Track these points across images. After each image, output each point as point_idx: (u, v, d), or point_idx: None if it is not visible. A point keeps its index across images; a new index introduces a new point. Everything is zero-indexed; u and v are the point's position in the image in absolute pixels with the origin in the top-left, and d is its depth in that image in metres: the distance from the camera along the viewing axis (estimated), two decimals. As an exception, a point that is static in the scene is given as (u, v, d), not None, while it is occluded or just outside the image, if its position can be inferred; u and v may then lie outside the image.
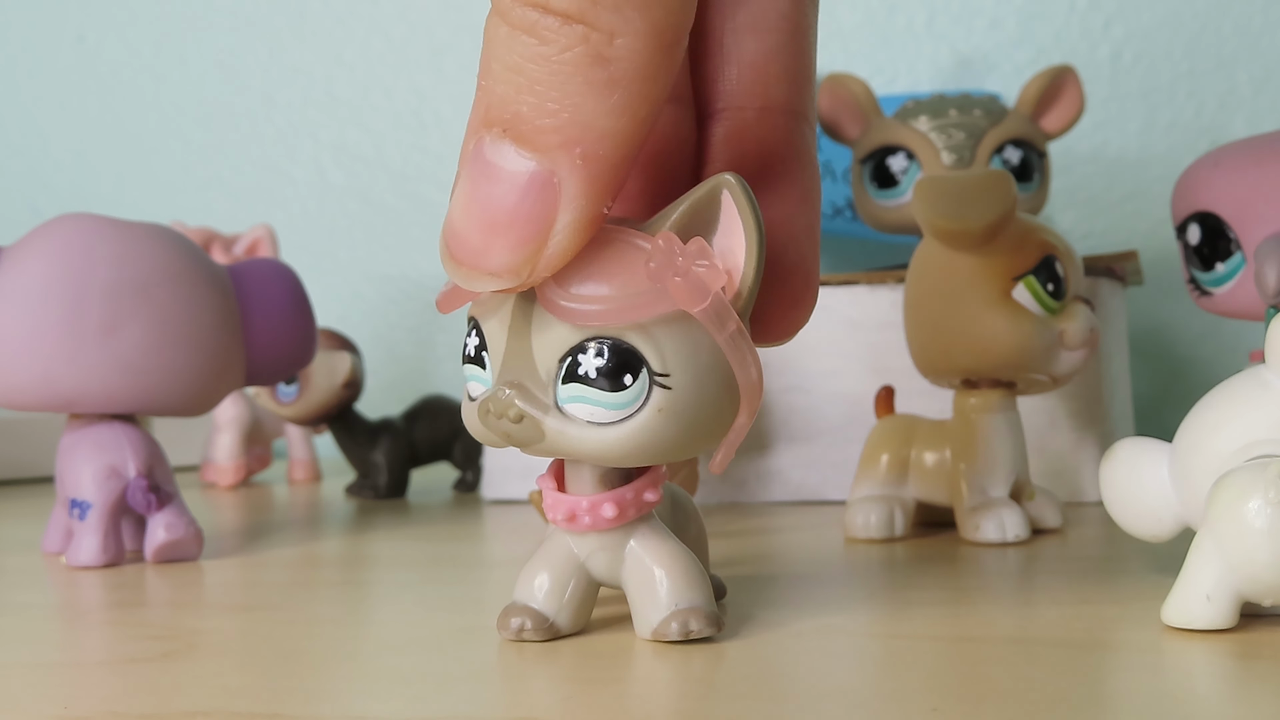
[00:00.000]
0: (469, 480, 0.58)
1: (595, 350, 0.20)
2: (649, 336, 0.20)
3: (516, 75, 0.19)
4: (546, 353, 0.21)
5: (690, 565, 0.23)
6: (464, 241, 0.20)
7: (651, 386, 0.20)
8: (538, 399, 0.21)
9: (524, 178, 0.19)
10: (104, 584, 0.32)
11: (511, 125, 0.19)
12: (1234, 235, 0.36)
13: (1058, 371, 0.35)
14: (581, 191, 0.19)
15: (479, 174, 0.20)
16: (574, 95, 0.19)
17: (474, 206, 0.20)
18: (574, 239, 0.20)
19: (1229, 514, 0.21)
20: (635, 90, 0.19)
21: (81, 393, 0.34)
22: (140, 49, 0.94)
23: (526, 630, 0.23)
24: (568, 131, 0.19)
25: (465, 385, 0.22)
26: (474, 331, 0.22)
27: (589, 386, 0.20)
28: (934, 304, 0.36)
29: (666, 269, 0.20)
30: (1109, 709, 0.18)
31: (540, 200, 0.19)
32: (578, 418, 0.21)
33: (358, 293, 0.90)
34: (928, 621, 0.24)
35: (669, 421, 0.21)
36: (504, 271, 0.20)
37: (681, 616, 0.22)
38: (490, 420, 0.21)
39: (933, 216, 0.35)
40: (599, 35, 0.18)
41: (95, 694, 0.20)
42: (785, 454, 0.48)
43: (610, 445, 0.21)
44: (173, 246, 0.36)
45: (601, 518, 0.22)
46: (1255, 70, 0.73)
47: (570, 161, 0.19)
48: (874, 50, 0.78)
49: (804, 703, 0.18)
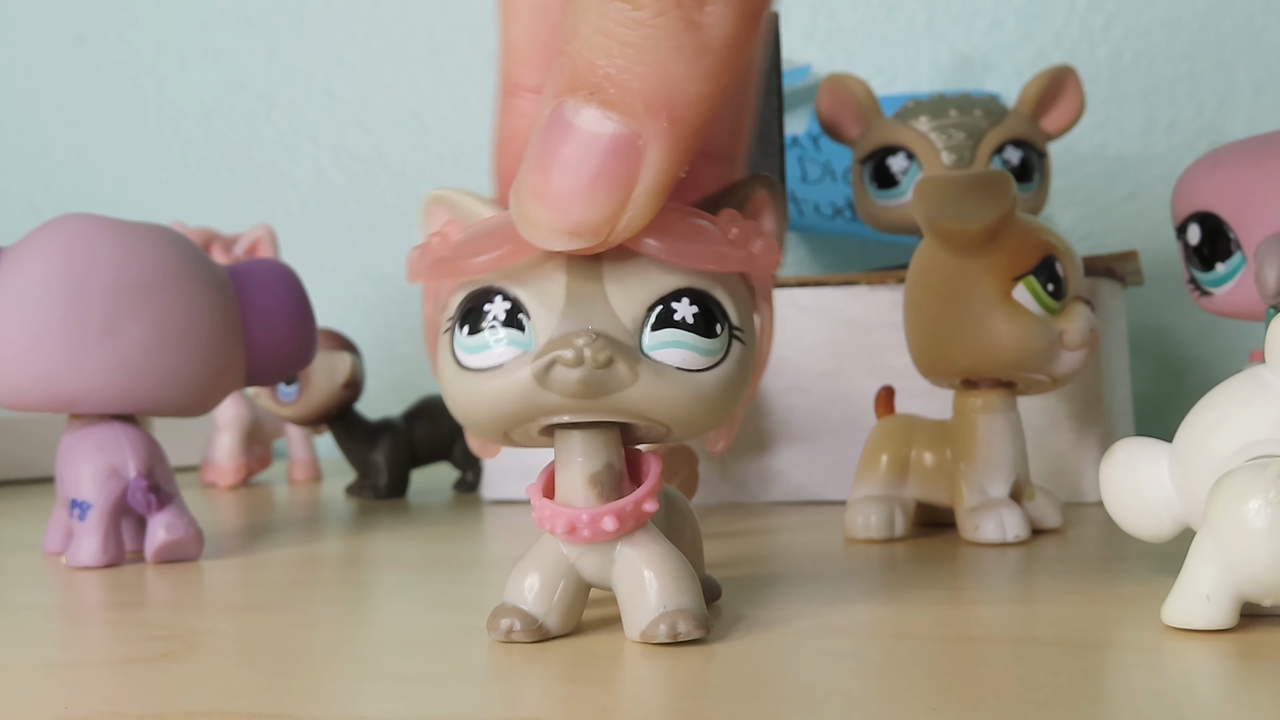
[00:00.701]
0: (469, 480, 0.58)
1: (690, 299, 0.21)
2: (729, 294, 0.22)
3: (607, 39, 0.19)
4: (632, 299, 0.21)
5: (680, 567, 0.22)
6: (545, 200, 0.20)
7: (732, 340, 0.22)
8: (624, 344, 0.21)
9: (609, 140, 0.19)
10: (104, 584, 0.32)
11: (598, 88, 0.19)
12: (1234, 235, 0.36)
13: (1058, 371, 0.35)
14: (665, 155, 0.20)
15: (560, 136, 0.20)
16: (664, 60, 0.19)
17: (555, 167, 0.20)
18: (654, 201, 0.20)
19: (1229, 514, 0.21)
20: (723, 56, 0.19)
21: (82, 393, 0.34)
22: (140, 49, 0.94)
23: (515, 631, 0.23)
24: (656, 96, 0.19)
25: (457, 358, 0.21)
26: (496, 297, 0.21)
27: (686, 331, 0.21)
28: (934, 304, 0.36)
29: (750, 235, 0.22)
30: (1109, 709, 0.18)
31: (625, 162, 0.20)
32: (669, 364, 0.21)
33: (358, 293, 0.90)
34: (928, 621, 0.24)
35: (742, 375, 0.22)
36: (586, 230, 0.20)
37: (670, 619, 0.22)
38: (557, 374, 0.20)
39: (933, 216, 0.35)
40: (691, 1, 0.19)
41: (95, 694, 0.20)
42: (785, 454, 0.48)
43: (702, 391, 0.21)
44: (173, 247, 0.36)
45: (602, 530, 0.22)
46: (1255, 70, 0.73)
47: (656, 125, 0.19)
48: (874, 50, 0.78)
49: (804, 703, 0.18)
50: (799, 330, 0.48)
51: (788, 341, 0.48)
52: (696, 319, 0.21)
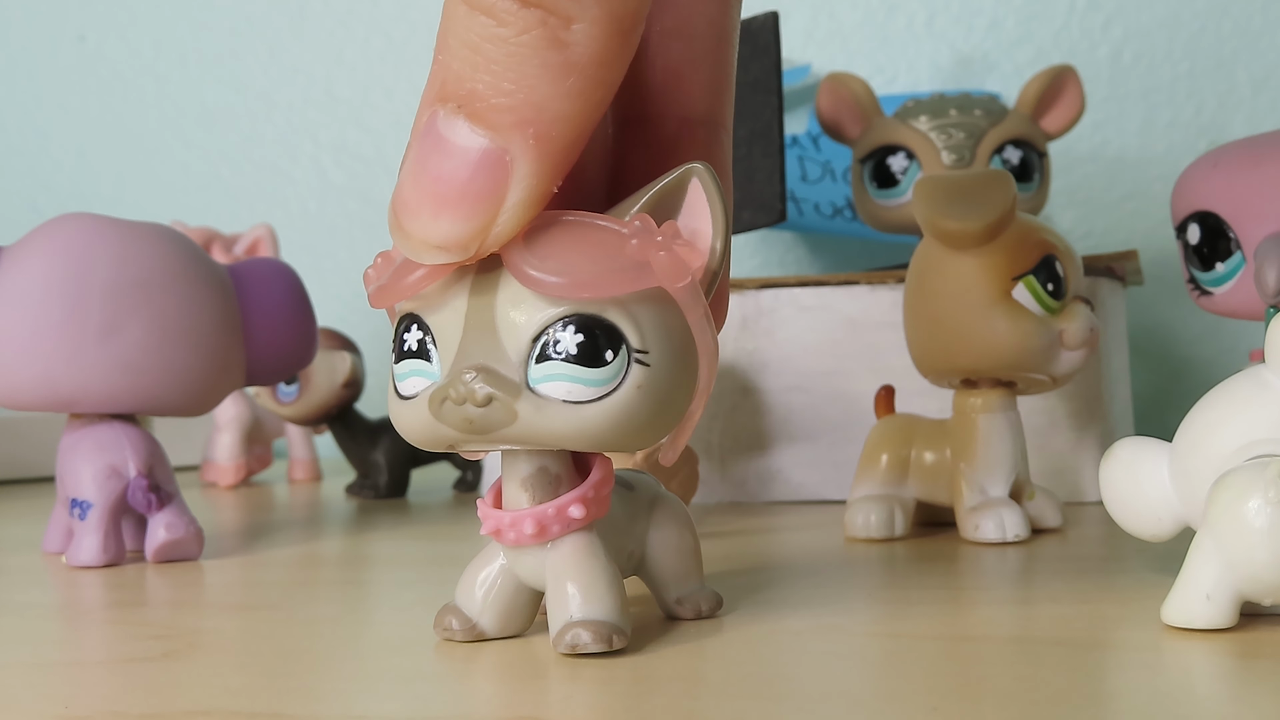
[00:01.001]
0: (469, 480, 0.58)
1: (575, 326, 0.20)
2: (628, 314, 0.20)
3: (473, 54, 0.19)
4: (518, 332, 0.20)
5: (595, 577, 0.22)
6: (414, 213, 0.20)
7: (630, 363, 0.20)
8: (506, 380, 0.20)
9: (476, 154, 0.19)
10: (104, 584, 0.32)
11: (466, 102, 0.19)
12: (1234, 235, 0.36)
13: (1058, 371, 0.35)
14: (532, 170, 0.20)
15: (431, 147, 0.20)
16: (530, 77, 0.19)
17: (425, 179, 0.20)
18: (522, 216, 0.20)
19: (1229, 513, 0.21)
20: (590, 75, 0.19)
21: (82, 393, 0.34)
22: (140, 49, 0.94)
23: (453, 630, 0.23)
24: (522, 112, 0.19)
25: (395, 385, 0.22)
26: (413, 325, 0.21)
27: (568, 363, 0.20)
28: (934, 304, 0.36)
29: (649, 246, 0.20)
30: (1109, 708, 0.18)
31: (491, 177, 0.20)
32: (553, 397, 0.20)
33: (358, 293, 0.90)
34: (928, 621, 0.24)
35: (646, 399, 0.21)
36: (452, 244, 0.20)
37: (573, 630, 0.21)
38: (448, 410, 0.20)
39: (933, 216, 0.35)
40: (556, 20, 0.19)
41: (96, 693, 0.20)
42: (785, 454, 0.48)
43: (587, 423, 0.20)
44: (173, 246, 0.36)
45: (523, 534, 0.22)
46: (1255, 70, 0.73)
47: (523, 141, 0.19)
48: (874, 50, 0.78)
49: (804, 702, 0.18)
50: (799, 330, 0.48)
51: (788, 341, 0.48)
52: (580, 349, 0.20)
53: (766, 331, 0.48)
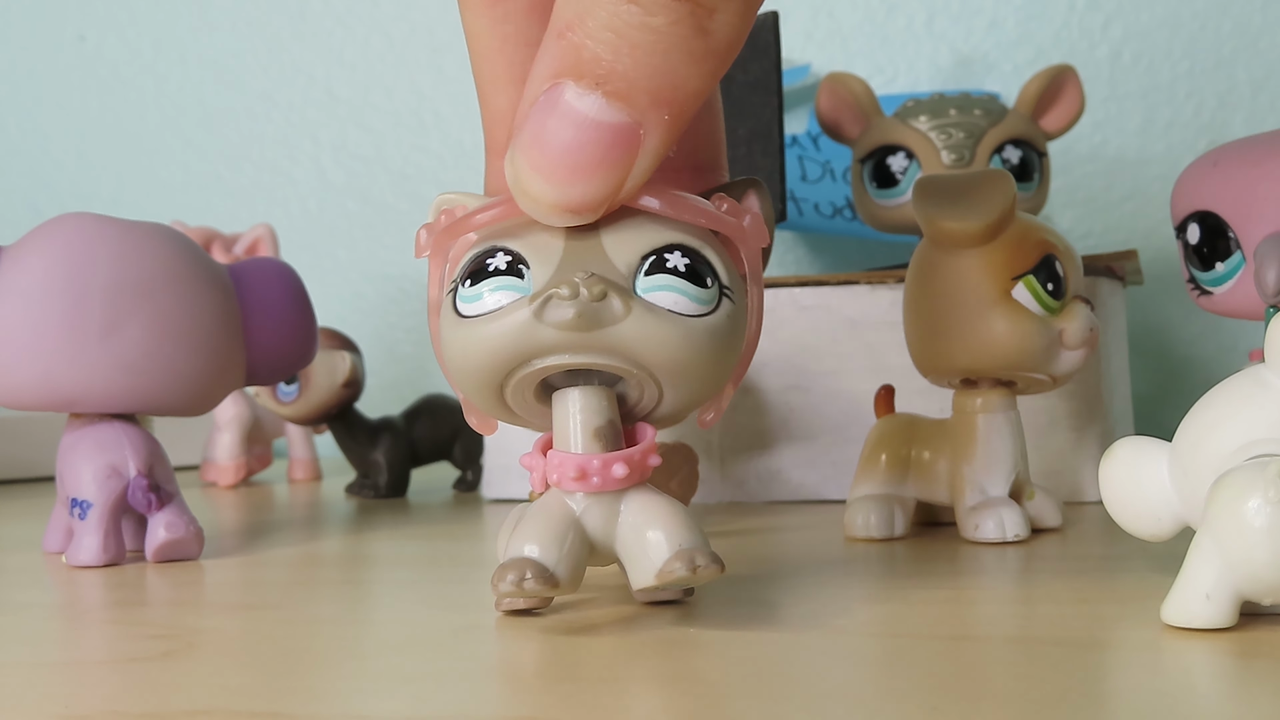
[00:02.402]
0: (469, 480, 0.58)
1: (682, 251, 0.22)
2: (719, 256, 0.23)
3: (617, 38, 0.20)
4: (627, 250, 0.22)
5: (686, 514, 0.23)
6: (546, 178, 0.21)
7: (721, 296, 0.22)
8: (618, 283, 0.21)
9: (613, 128, 0.21)
10: (104, 583, 0.32)
11: (605, 80, 0.20)
12: (1233, 235, 0.36)
13: (1057, 371, 0.35)
14: (661, 141, 0.21)
15: (563, 118, 0.21)
16: (674, 63, 0.20)
17: (558, 148, 0.21)
18: (645, 178, 0.22)
19: (1228, 513, 0.21)
20: (725, 57, 0.21)
21: (82, 392, 0.34)
22: (140, 49, 0.94)
23: (528, 580, 0.21)
24: (663, 93, 0.20)
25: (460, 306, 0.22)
26: (498, 252, 0.22)
27: (678, 277, 0.22)
28: (934, 304, 0.36)
29: (739, 211, 0.23)
30: (1109, 708, 0.18)
31: (627, 149, 0.21)
32: (661, 306, 0.22)
33: (358, 293, 0.90)
34: (927, 620, 0.24)
35: (732, 330, 0.22)
36: (585, 208, 0.21)
37: (686, 555, 0.22)
38: (553, 307, 0.21)
39: (932, 216, 0.35)
40: (702, 10, 0.20)
41: (96, 693, 0.20)
42: (785, 454, 0.48)
43: (691, 335, 0.22)
44: (173, 246, 0.36)
45: (612, 477, 0.23)
46: (1254, 70, 0.73)
47: (659, 118, 0.21)
48: (874, 50, 0.78)
49: (804, 702, 0.18)
50: (799, 330, 0.48)
51: (788, 341, 0.48)
52: (688, 269, 0.22)
53: (766, 331, 0.48)
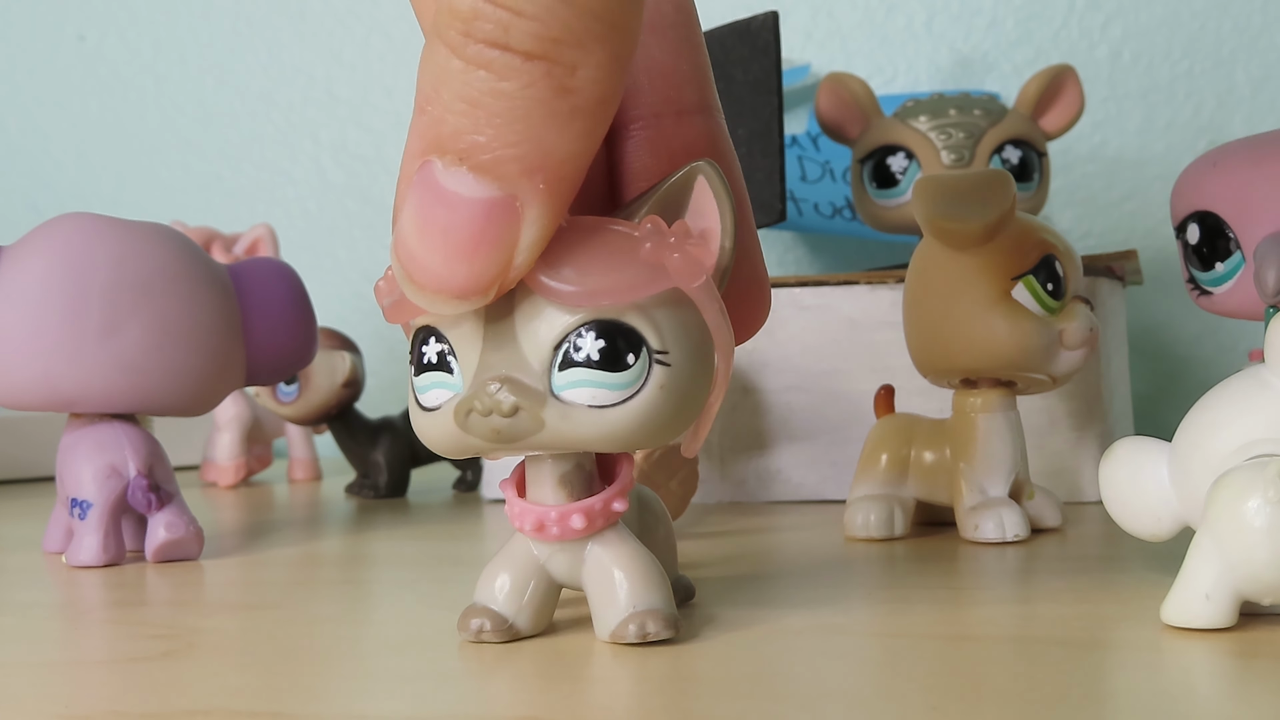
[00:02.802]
0: (469, 480, 0.58)
1: (595, 333, 0.20)
2: (646, 316, 0.21)
3: (473, 108, 0.19)
4: (539, 342, 0.21)
5: (650, 567, 0.22)
6: (426, 267, 0.20)
7: (651, 365, 0.21)
8: (531, 389, 0.20)
9: (485, 205, 0.19)
10: (104, 583, 0.32)
11: (468, 155, 0.19)
12: (1233, 235, 0.36)
13: (1057, 371, 0.35)
14: (543, 211, 0.19)
15: (434, 200, 0.19)
16: (536, 127, 0.19)
17: (433, 233, 0.19)
18: (536, 253, 0.20)
19: (1228, 513, 0.21)
20: (595, 115, 0.19)
21: (82, 392, 0.34)
22: (140, 49, 0.94)
23: (485, 631, 0.23)
24: (529, 160, 0.19)
25: (417, 397, 0.22)
26: (433, 338, 0.21)
27: (591, 369, 0.20)
28: (934, 304, 0.36)
29: (663, 249, 0.20)
30: (1109, 708, 0.18)
31: (505, 224, 0.19)
32: (578, 403, 0.20)
33: (358, 293, 0.90)
34: (927, 621, 0.24)
35: (668, 398, 0.21)
36: (470, 291, 0.20)
37: (639, 619, 0.22)
38: (474, 421, 0.21)
39: (932, 216, 0.35)
40: (561, 69, 0.18)
41: (96, 693, 0.20)
42: (785, 454, 0.48)
43: (614, 426, 0.21)
44: (173, 246, 0.36)
45: (570, 528, 0.22)
46: (1254, 69, 0.74)
47: (533, 187, 0.19)
48: (874, 50, 0.78)
49: (803, 702, 0.18)
50: (799, 330, 0.48)
51: (788, 341, 0.48)
52: (602, 354, 0.20)
53: (766, 331, 0.48)
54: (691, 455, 0.23)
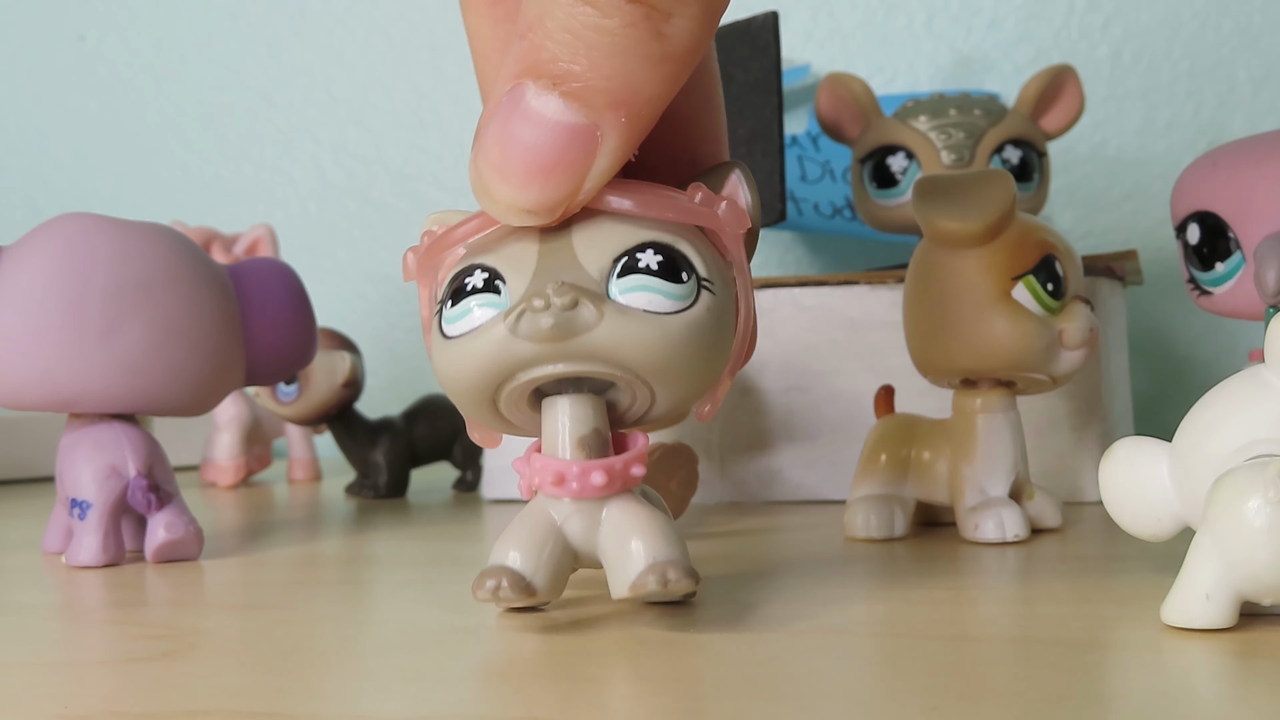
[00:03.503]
0: (469, 480, 0.58)
1: (654, 249, 0.22)
2: (695, 248, 0.22)
3: (574, 39, 0.20)
4: (598, 254, 0.22)
5: (667, 525, 0.23)
6: (505, 178, 0.21)
7: (700, 289, 0.22)
8: (590, 290, 0.21)
9: (569, 129, 0.21)
10: (104, 583, 0.32)
11: (562, 80, 0.20)
12: (1233, 235, 0.36)
13: (1057, 371, 0.35)
14: (619, 145, 0.21)
15: (522, 119, 0.21)
16: (630, 65, 0.20)
17: (517, 148, 0.21)
18: (603, 183, 0.21)
19: (1228, 513, 0.21)
20: (684, 61, 0.21)
21: (82, 392, 0.34)
22: (140, 49, 0.94)
23: (503, 589, 0.22)
24: (618, 95, 0.20)
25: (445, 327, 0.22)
26: (476, 270, 0.22)
27: (651, 276, 0.21)
28: (934, 304, 0.36)
29: (712, 200, 0.23)
30: (1109, 708, 0.18)
31: (584, 150, 0.21)
32: (635, 306, 0.21)
33: (358, 293, 0.90)
34: (927, 621, 0.24)
35: (713, 324, 0.22)
36: (542, 209, 0.21)
37: (659, 569, 0.22)
38: (527, 320, 0.21)
39: (932, 216, 0.35)
40: (659, 14, 0.20)
41: (95, 693, 0.20)
42: (785, 454, 0.48)
43: (668, 333, 0.21)
44: (173, 246, 0.36)
45: (590, 484, 0.22)
46: (1254, 69, 0.73)
47: (615, 120, 0.21)
48: (874, 50, 0.78)
49: (804, 702, 0.18)
50: (799, 330, 0.48)
51: (788, 341, 0.48)
52: (661, 266, 0.22)
53: (766, 331, 0.48)
54: (705, 419, 0.24)
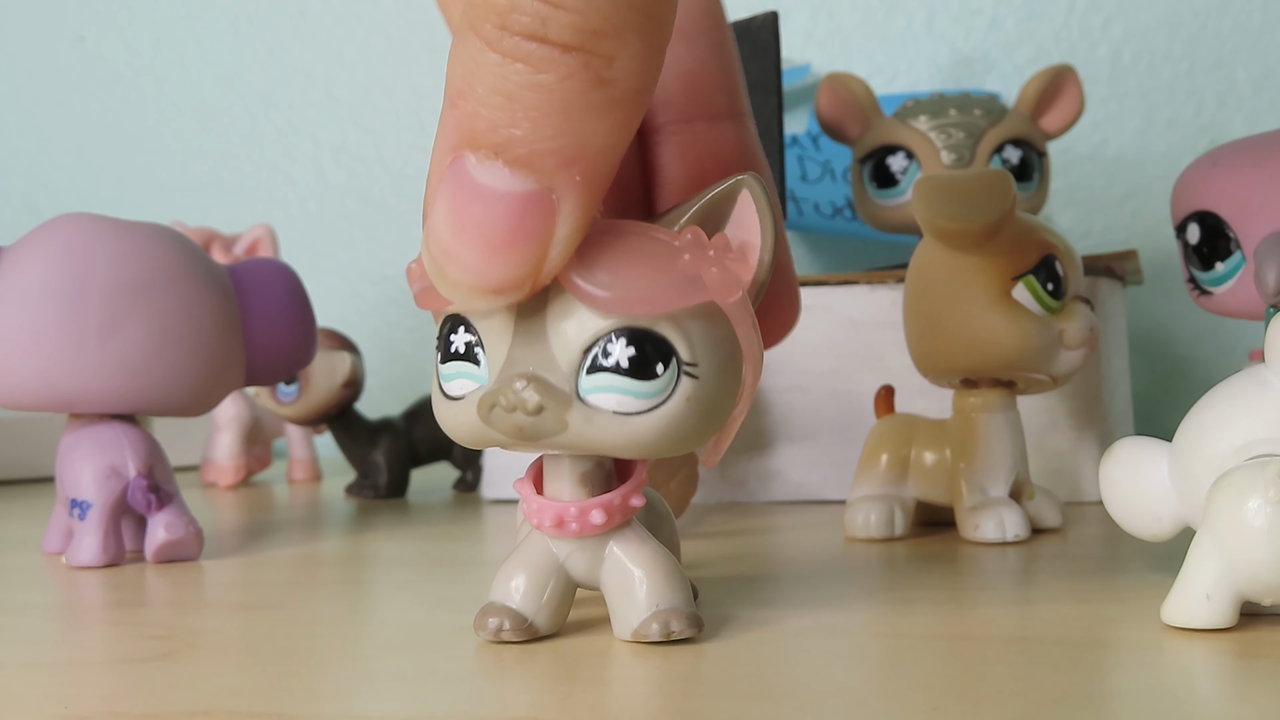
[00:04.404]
0: (469, 480, 0.58)
1: (627, 339, 0.20)
2: (679, 327, 0.21)
3: (509, 101, 0.18)
4: (569, 343, 0.20)
5: (670, 567, 0.23)
6: (461, 263, 0.20)
7: (680, 376, 0.21)
8: (557, 390, 0.20)
9: (521, 199, 0.19)
10: (104, 584, 0.32)
11: (504, 148, 0.19)
12: (1233, 234, 0.36)
13: (1057, 371, 0.35)
14: (579, 205, 0.19)
15: (468, 195, 0.19)
16: (574, 119, 0.19)
17: (468, 228, 0.19)
18: (571, 248, 0.20)
19: (1228, 513, 0.21)
20: (633, 105, 0.19)
21: (81, 393, 0.34)
22: (140, 49, 0.94)
23: (505, 631, 0.22)
24: (566, 153, 0.19)
25: (442, 384, 0.22)
26: (461, 327, 0.21)
27: (619, 375, 0.20)
28: (934, 304, 0.36)
29: (701, 261, 0.20)
30: (1109, 708, 0.18)
31: (540, 218, 0.19)
32: (603, 408, 0.20)
33: (358, 293, 0.90)
34: (927, 621, 0.24)
35: (694, 410, 0.21)
36: (506, 287, 0.20)
37: (662, 617, 0.22)
38: (497, 415, 0.21)
39: (932, 216, 0.35)
40: (599, 60, 0.18)
41: (95, 693, 0.20)
42: (785, 454, 0.48)
43: (637, 434, 0.21)
44: (173, 246, 0.36)
45: (589, 524, 0.22)
46: (1255, 69, 0.73)
47: (570, 180, 0.19)
48: (874, 50, 0.78)
49: (804, 702, 0.18)
50: (799, 330, 0.48)
51: (788, 341, 0.48)
52: (632, 362, 0.20)
53: (766, 331, 0.48)
54: (710, 466, 0.23)
